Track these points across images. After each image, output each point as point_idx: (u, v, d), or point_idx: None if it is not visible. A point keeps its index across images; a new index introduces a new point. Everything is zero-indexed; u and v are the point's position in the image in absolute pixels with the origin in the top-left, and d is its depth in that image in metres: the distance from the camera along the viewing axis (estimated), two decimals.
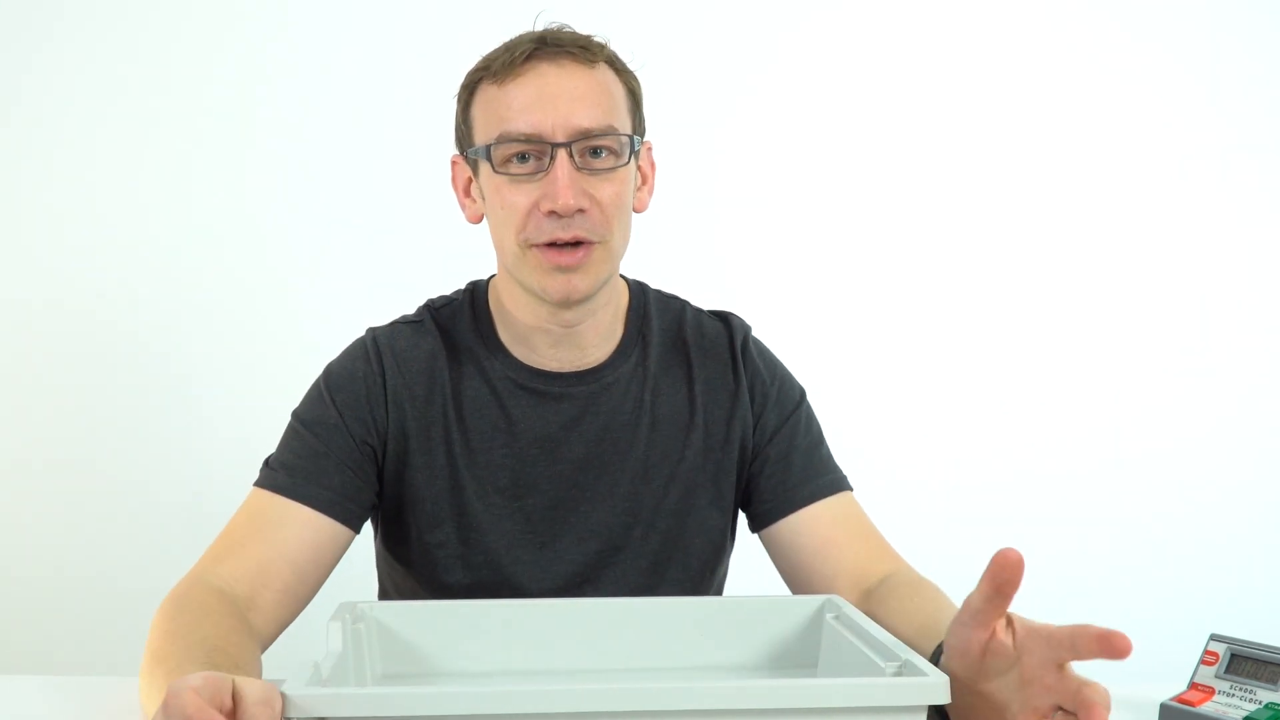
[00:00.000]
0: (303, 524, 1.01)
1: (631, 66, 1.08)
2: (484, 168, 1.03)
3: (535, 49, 1.01)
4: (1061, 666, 0.68)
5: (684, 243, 1.93)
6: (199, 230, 2.11)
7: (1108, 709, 0.66)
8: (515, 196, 1.00)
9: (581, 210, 0.99)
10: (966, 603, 0.73)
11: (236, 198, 2.11)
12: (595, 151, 1.01)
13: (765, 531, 1.14)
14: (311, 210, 2.12)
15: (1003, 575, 0.69)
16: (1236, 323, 2.22)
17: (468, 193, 1.10)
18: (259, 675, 0.85)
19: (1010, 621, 0.72)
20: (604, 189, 1.01)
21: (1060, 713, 0.68)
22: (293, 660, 0.71)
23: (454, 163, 1.11)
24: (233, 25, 2.10)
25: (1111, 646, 0.64)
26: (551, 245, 1.00)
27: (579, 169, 0.99)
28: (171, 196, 2.10)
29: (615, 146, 1.02)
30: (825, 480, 1.13)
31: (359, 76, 2.11)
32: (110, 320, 2.11)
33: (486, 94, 1.03)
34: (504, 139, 1.00)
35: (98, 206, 2.10)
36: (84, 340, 2.11)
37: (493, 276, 1.16)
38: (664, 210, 1.18)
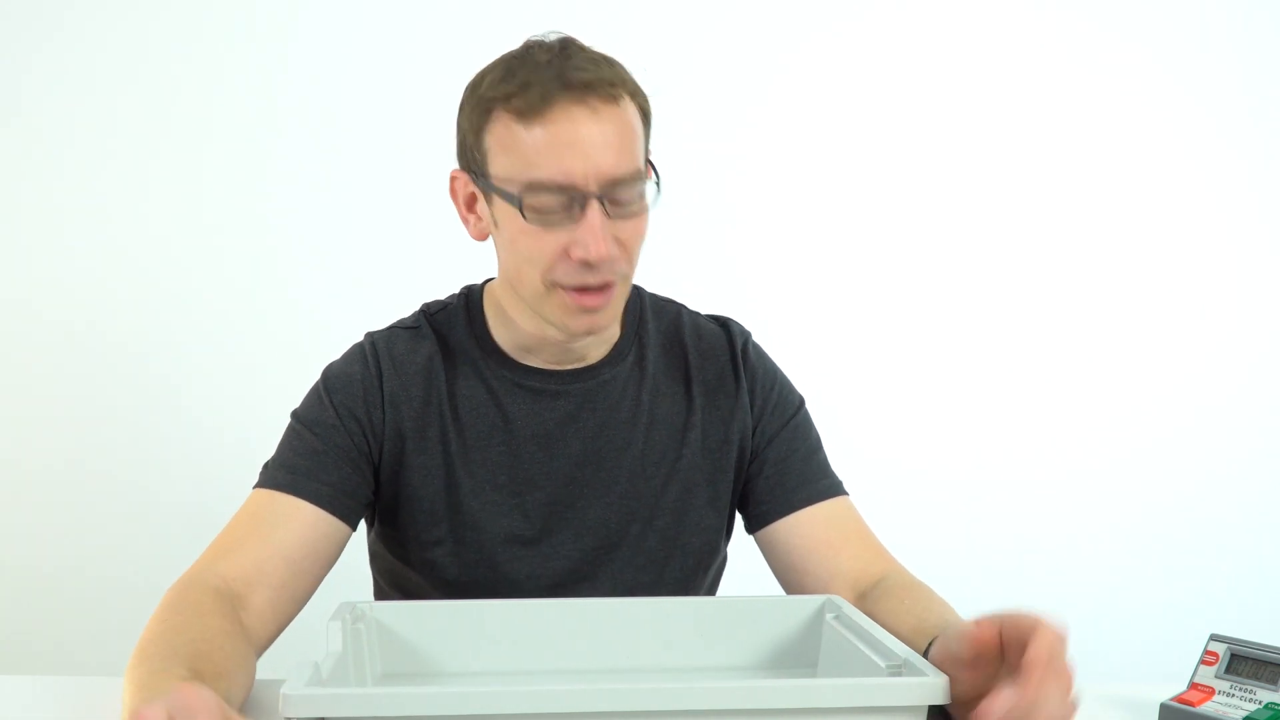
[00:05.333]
0: (300, 520, 1.01)
1: (642, 82, 1.03)
2: (503, 204, 0.99)
3: (561, 89, 0.95)
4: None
5: (687, 249, 1.93)
6: (200, 236, 2.11)
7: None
8: (543, 242, 0.98)
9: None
10: (961, 637, 0.75)
11: (236, 204, 2.11)
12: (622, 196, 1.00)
13: (762, 532, 1.14)
14: (309, 217, 2.12)
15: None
16: (1235, 323, 2.23)
17: (471, 208, 1.06)
18: (246, 679, 0.85)
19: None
20: (628, 229, 1.00)
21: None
22: (292, 660, 0.71)
23: (454, 177, 1.06)
24: (238, 30, 2.10)
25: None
26: (579, 289, 0.99)
27: (609, 217, 0.98)
28: (172, 203, 2.10)
29: (641, 188, 1.01)
30: (823, 484, 1.13)
31: (359, 83, 2.11)
32: (112, 323, 2.11)
33: (507, 128, 0.97)
34: (535, 187, 0.96)
35: (100, 210, 2.10)
36: (85, 342, 2.11)
37: (487, 281, 1.15)
38: (668, 216, 1.17)
